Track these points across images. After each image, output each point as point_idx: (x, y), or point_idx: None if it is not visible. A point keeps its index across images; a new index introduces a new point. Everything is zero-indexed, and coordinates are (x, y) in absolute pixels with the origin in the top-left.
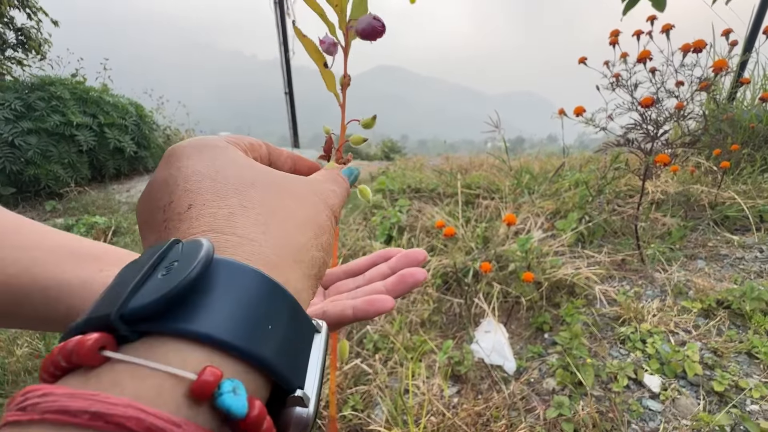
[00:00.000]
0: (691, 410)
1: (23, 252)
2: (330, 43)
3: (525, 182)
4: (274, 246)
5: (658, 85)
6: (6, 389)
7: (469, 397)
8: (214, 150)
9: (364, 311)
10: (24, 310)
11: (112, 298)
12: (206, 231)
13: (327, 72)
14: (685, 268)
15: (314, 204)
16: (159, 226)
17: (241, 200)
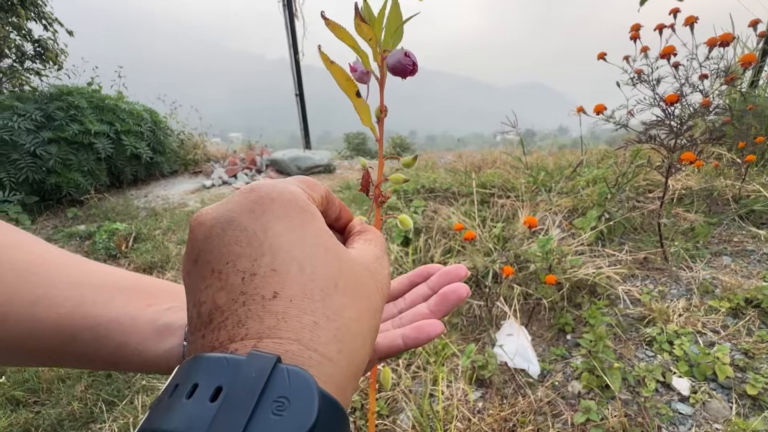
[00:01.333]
0: (723, 414)
1: (74, 289)
2: (362, 71)
3: (541, 179)
4: (346, 367)
5: (682, 81)
6: (41, 397)
7: (494, 402)
8: (302, 217)
9: (414, 339)
10: (75, 348)
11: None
12: (293, 339)
13: (361, 103)
14: (710, 265)
15: (377, 302)
16: (233, 291)
17: (325, 309)
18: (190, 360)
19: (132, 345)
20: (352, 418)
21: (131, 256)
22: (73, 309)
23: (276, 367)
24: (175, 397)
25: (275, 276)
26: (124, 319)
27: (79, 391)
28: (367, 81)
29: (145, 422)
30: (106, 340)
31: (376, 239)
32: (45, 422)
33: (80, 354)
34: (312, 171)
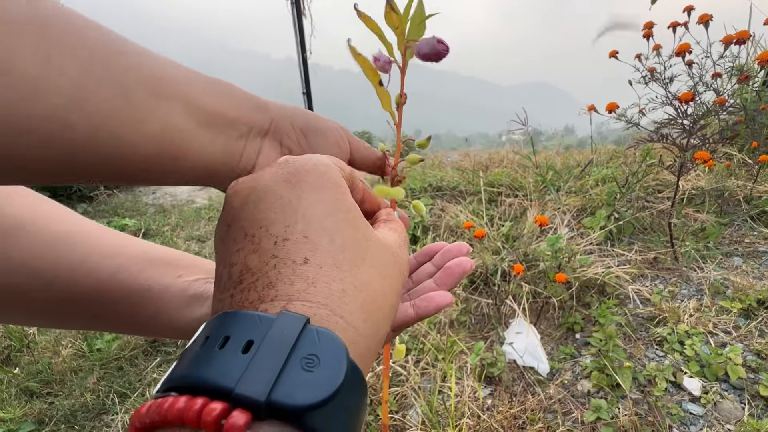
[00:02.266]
0: (736, 415)
1: (110, 259)
2: (385, 61)
3: (549, 178)
4: (369, 337)
5: (696, 79)
6: (54, 388)
7: (503, 400)
8: (335, 190)
9: (425, 308)
10: (112, 314)
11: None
12: (322, 304)
13: (382, 90)
14: (721, 266)
15: (399, 283)
16: (265, 254)
17: (353, 279)
18: (221, 315)
19: (165, 313)
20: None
21: None
22: (110, 277)
23: (306, 326)
24: (206, 348)
25: (307, 243)
26: (156, 288)
27: (92, 383)
28: (389, 70)
29: (175, 369)
30: (140, 308)
31: (400, 230)
32: (58, 413)
33: (117, 319)
34: None
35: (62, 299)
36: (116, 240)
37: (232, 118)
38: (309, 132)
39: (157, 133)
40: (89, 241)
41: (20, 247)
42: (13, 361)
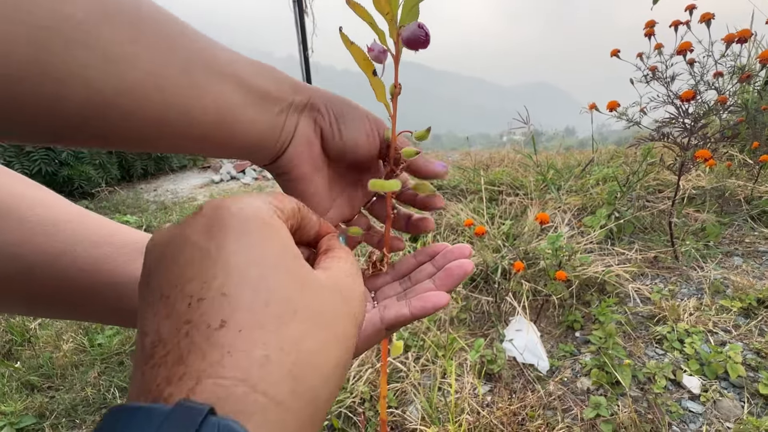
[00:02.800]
0: (735, 413)
1: (95, 248)
2: (379, 50)
3: (550, 177)
4: (300, 409)
5: (698, 78)
6: (55, 382)
7: (503, 396)
8: (263, 233)
9: (421, 308)
10: (95, 303)
11: None
12: (238, 379)
13: (376, 81)
14: (721, 265)
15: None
16: (177, 319)
17: (279, 340)
18: (110, 413)
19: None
20: (360, 408)
21: None
22: (94, 267)
23: (205, 421)
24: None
25: (225, 300)
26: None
27: (93, 378)
28: (384, 60)
29: None
30: (125, 298)
31: (346, 256)
32: (59, 407)
33: (100, 309)
34: None
35: (43, 287)
36: (105, 228)
37: (274, 95)
38: (341, 118)
39: (212, 106)
40: (76, 229)
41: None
42: (14, 355)
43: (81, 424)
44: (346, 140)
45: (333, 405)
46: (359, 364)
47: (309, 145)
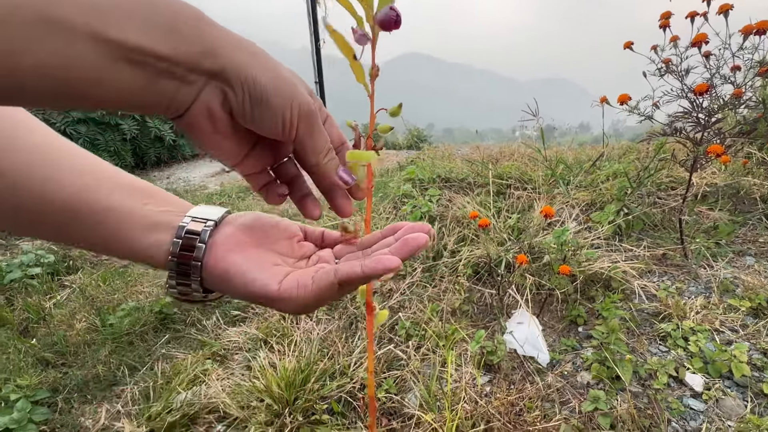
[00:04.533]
0: (737, 412)
1: (78, 177)
2: (360, 34)
3: (559, 173)
4: None
5: (713, 71)
6: (68, 359)
7: (501, 387)
8: None
9: (372, 268)
10: (76, 229)
11: None
12: None
13: (356, 64)
14: (732, 264)
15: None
16: None
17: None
18: None
19: (124, 233)
20: (360, 394)
21: None
22: (76, 194)
23: None
24: None
25: None
26: (121, 210)
27: (103, 356)
28: (364, 43)
29: None
30: (103, 225)
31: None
32: (72, 382)
33: (80, 234)
34: None
35: (28, 206)
36: (88, 160)
37: (162, 55)
38: (257, 104)
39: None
40: (61, 157)
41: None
42: (30, 332)
43: (92, 399)
44: (257, 126)
45: (334, 389)
46: (361, 351)
47: (210, 118)
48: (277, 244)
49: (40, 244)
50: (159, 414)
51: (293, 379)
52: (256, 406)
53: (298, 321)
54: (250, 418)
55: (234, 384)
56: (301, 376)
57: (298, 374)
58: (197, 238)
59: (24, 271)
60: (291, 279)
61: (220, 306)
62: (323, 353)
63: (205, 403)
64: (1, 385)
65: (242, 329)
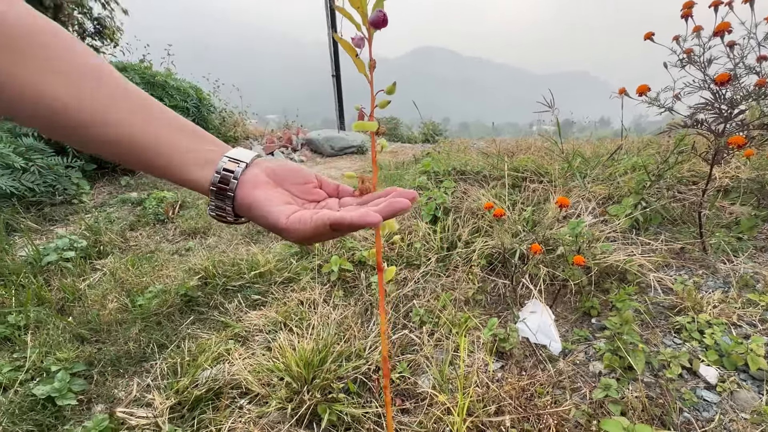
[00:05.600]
0: (752, 404)
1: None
2: (358, 38)
3: (576, 166)
4: None
5: (737, 61)
6: (102, 336)
7: (513, 373)
8: None
9: (357, 220)
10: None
11: None
12: None
13: (358, 60)
14: (753, 259)
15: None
16: None
17: None
18: None
19: (178, 163)
20: (375, 375)
21: (177, 221)
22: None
23: None
24: None
25: None
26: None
27: (134, 334)
28: (363, 45)
29: None
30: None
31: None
32: (105, 357)
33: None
34: (345, 151)
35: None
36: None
37: None
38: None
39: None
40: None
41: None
42: (66, 311)
43: (124, 373)
44: None
45: (350, 370)
46: (376, 336)
47: None
48: (293, 186)
49: (73, 230)
50: (186, 388)
51: (311, 359)
52: (276, 383)
53: (316, 306)
54: (271, 394)
55: (255, 363)
56: (319, 356)
57: (316, 355)
58: (232, 174)
59: (59, 254)
60: (296, 216)
61: (241, 291)
62: (340, 336)
63: (228, 379)
64: (43, 358)
65: (262, 312)
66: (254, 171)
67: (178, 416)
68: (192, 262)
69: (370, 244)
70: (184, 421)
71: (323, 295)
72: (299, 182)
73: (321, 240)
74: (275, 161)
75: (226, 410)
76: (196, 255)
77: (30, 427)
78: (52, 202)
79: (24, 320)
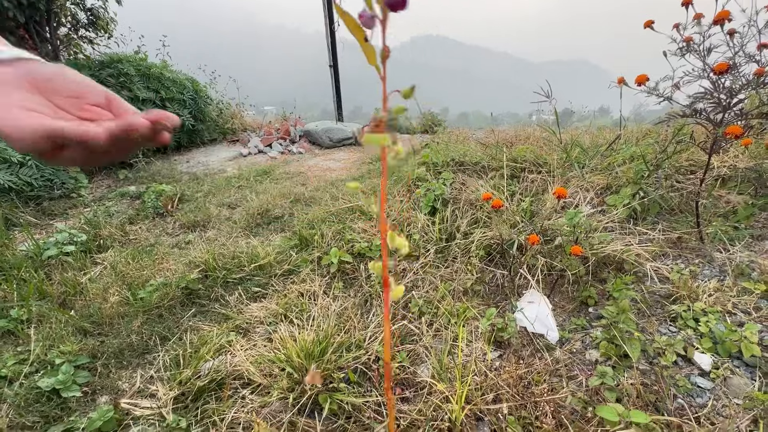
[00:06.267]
0: (744, 390)
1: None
2: (368, 16)
3: (575, 156)
4: None
5: (737, 49)
6: (105, 329)
7: (510, 361)
8: None
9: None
10: None
11: None
12: None
13: (367, 46)
14: (749, 248)
15: None
16: None
17: None
18: None
19: None
20: (375, 365)
21: (176, 215)
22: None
23: None
24: None
25: None
26: None
27: (136, 326)
28: (373, 26)
29: None
30: None
31: None
32: (108, 350)
33: None
34: (343, 142)
35: None
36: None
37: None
38: None
39: None
40: None
41: None
42: (68, 304)
43: (127, 365)
44: None
45: (350, 361)
46: (375, 327)
47: None
48: (63, 99)
49: (72, 224)
50: (189, 379)
51: (312, 350)
52: (277, 374)
53: (316, 298)
54: (273, 384)
55: (257, 354)
56: (320, 347)
57: (316, 346)
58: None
59: (59, 248)
60: (26, 123)
61: (242, 283)
62: (340, 327)
63: (230, 370)
64: (47, 351)
65: (263, 305)
66: (6, 69)
67: (182, 406)
68: (192, 255)
69: (370, 236)
70: (188, 411)
71: (323, 286)
72: (70, 96)
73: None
74: (54, 67)
75: (228, 400)
76: (196, 248)
77: (36, 418)
78: (51, 197)
79: (26, 314)
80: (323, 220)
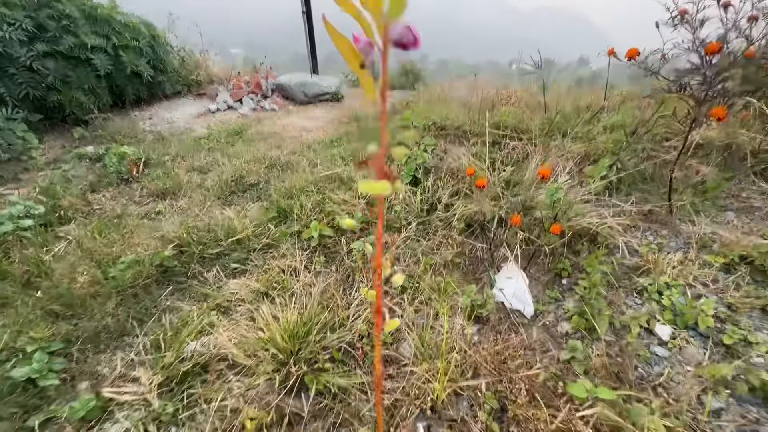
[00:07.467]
0: (697, 359)
1: None
2: (366, 43)
3: (556, 123)
4: None
5: (729, 25)
6: (77, 311)
7: (488, 337)
8: None
9: None
10: None
11: None
12: None
13: (364, 74)
14: (714, 220)
15: None
16: None
17: None
18: None
19: None
20: (359, 344)
21: (143, 181)
22: None
23: None
24: None
25: None
26: None
27: (111, 308)
28: (370, 53)
29: None
30: None
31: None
32: (84, 333)
33: None
34: (320, 98)
35: None
36: None
37: None
38: None
39: None
40: None
41: None
42: (33, 284)
43: (105, 349)
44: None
45: (334, 340)
46: (358, 304)
47: None
48: None
49: (26, 193)
50: (172, 363)
51: (296, 332)
52: (262, 356)
53: (297, 273)
54: (258, 366)
55: (240, 335)
56: (304, 329)
57: (300, 327)
58: None
59: (15, 223)
60: None
61: (219, 258)
62: (323, 306)
63: (215, 352)
64: (16, 338)
65: (242, 281)
66: None
67: (167, 390)
68: (165, 228)
69: (350, 207)
70: (174, 395)
71: (304, 261)
72: None
73: None
74: None
75: (214, 384)
76: (168, 220)
77: (14, 409)
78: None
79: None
80: (302, 189)
